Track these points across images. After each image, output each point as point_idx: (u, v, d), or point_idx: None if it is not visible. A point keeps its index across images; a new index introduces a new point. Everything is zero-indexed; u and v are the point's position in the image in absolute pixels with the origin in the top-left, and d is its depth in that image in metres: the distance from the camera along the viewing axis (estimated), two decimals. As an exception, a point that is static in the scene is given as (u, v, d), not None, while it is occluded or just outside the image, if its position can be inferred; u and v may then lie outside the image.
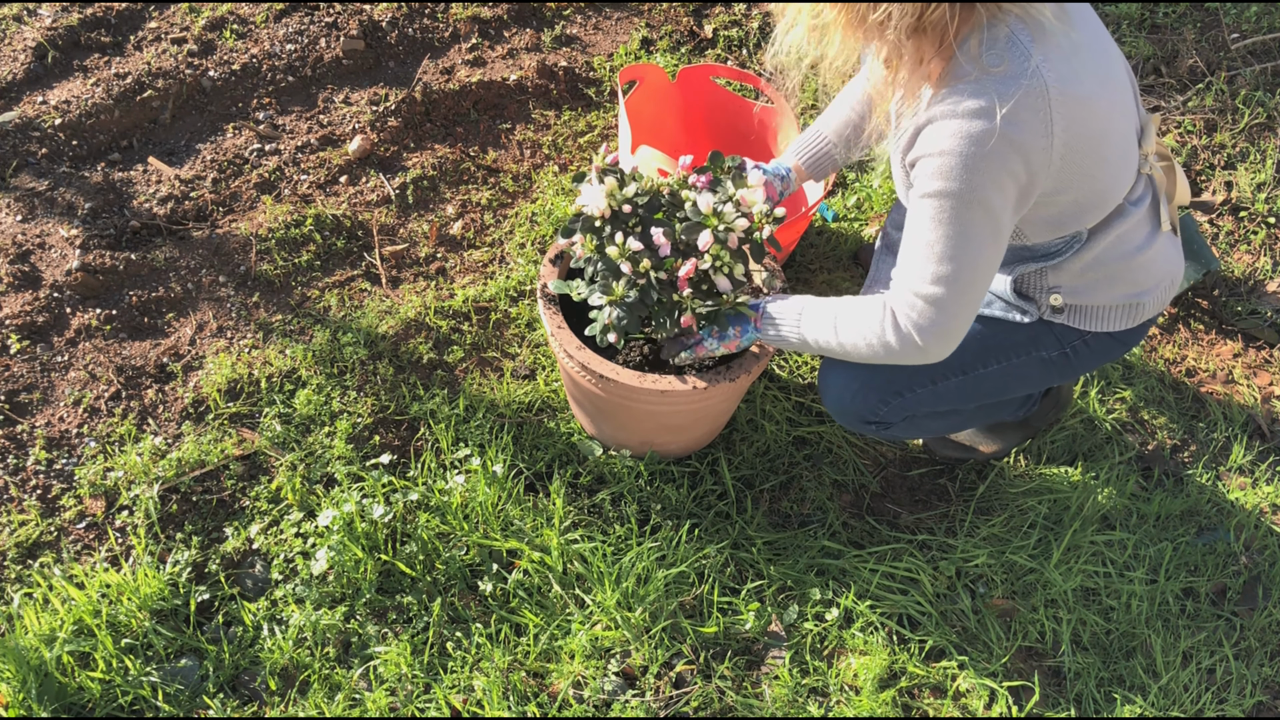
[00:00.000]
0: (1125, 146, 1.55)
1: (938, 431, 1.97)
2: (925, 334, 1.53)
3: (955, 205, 1.42)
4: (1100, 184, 1.52)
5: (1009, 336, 1.73)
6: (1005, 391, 1.82)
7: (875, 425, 1.84)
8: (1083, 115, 1.42)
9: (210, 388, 2.13)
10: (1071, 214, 1.55)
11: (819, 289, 2.41)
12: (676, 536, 1.94)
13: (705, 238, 1.68)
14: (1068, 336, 1.73)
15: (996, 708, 1.82)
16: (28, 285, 2.27)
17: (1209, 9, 3.03)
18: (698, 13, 3.03)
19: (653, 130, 2.44)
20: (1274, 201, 2.62)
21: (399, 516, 1.94)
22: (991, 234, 1.45)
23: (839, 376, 1.79)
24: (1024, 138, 1.38)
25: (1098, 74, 1.46)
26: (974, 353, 1.73)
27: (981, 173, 1.39)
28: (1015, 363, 1.75)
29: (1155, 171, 1.65)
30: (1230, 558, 2.05)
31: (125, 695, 1.73)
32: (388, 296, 2.34)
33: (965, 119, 1.38)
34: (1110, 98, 1.49)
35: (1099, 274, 1.65)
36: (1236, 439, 2.24)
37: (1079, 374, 1.82)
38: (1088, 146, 1.45)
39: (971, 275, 1.48)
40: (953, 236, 1.45)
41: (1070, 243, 1.60)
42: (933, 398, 1.78)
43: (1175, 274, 1.75)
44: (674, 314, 1.73)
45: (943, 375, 1.75)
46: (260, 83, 2.71)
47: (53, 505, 1.97)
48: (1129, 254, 1.64)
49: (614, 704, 1.76)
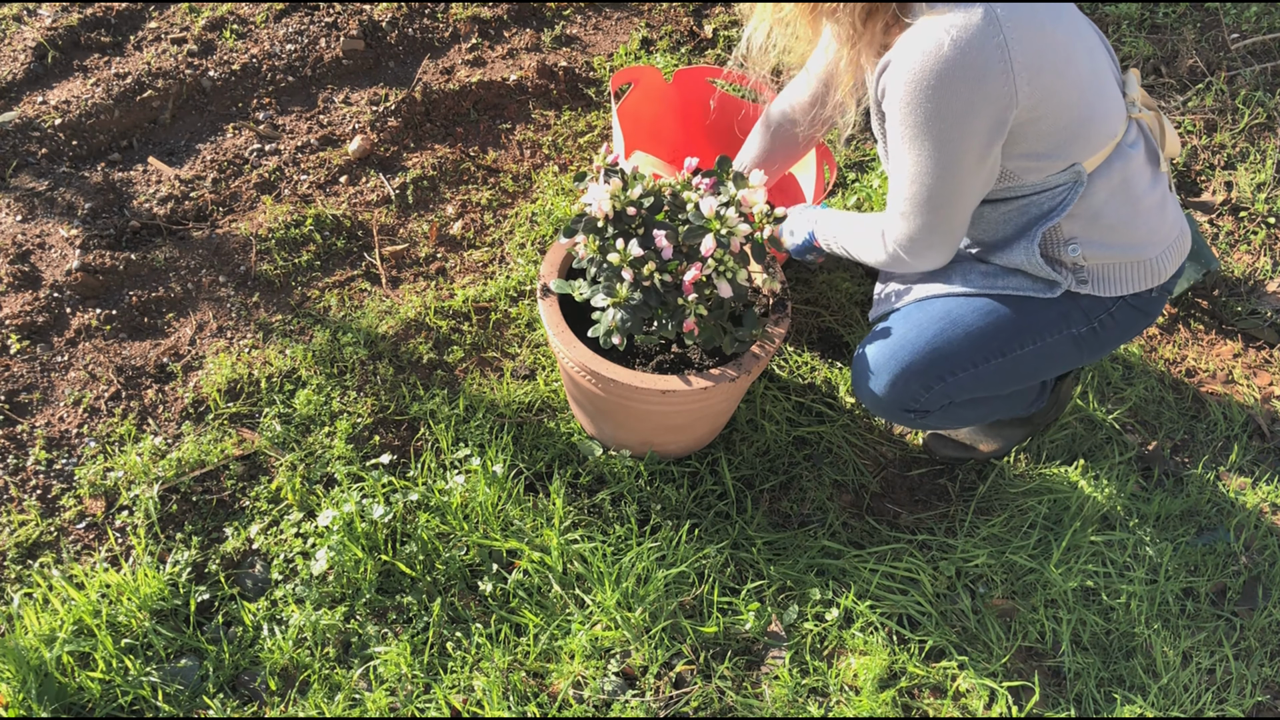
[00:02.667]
0: (1100, 78, 1.61)
1: (973, 421, 1.98)
2: (912, 252, 1.67)
3: (918, 132, 1.51)
4: (1077, 110, 1.56)
5: (1040, 315, 1.75)
6: (1040, 373, 1.83)
7: (915, 413, 1.84)
8: (1037, 37, 1.49)
9: (210, 388, 2.13)
10: (1057, 143, 1.57)
11: (819, 288, 2.41)
12: (676, 536, 1.94)
13: (708, 242, 1.68)
14: (1094, 310, 1.75)
15: (996, 708, 1.82)
16: (28, 285, 2.27)
17: (1209, 9, 3.03)
18: (698, 13, 3.03)
19: (652, 132, 2.44)
20: (1274, 201, 2.62)
21: (399, 516, 1.94)
22: (963, 154, 1.52)
23: (880, 364, 1.79)
24: (978, 58, 1.44)
25: (1052, 12, 1.53)
26: (1009, 334, 1.75)
27: (942, 96, 1.46)
28: (1049, 342, 1.77)
29: (1144, 116, 1.70)
30: (1230, 558, 2.05)
31: (125, 695, 1.73)
32: (388, 296, 2.34)
33: (919, 52, 1.46)
34: (1068, 30, 1.56)
35: (1110, 219, 1.66)
36: (1236, 439, 2.24)
37: (1107, 350, 1.84)
38: (1051, 67, 1.50)
39: (948, 195, 1.57)
40: (923, 159, 1.54)
41: (1073, 187, 1.62)
42: (973, 382, 1.79)
43: (1183, 228, 1.78)
44: (678, 317, 1.73)
45: (984, 358, 1.76)
46: (260, 83, 2.71)
47: (53, 505, 1.97)
48: (1136, 197, 1.67)
49: (614, 704, 1.76)
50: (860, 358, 1.82)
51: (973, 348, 1.74)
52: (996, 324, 1.74)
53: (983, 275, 1.76)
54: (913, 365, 1.76)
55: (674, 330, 1.73)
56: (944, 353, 1.74)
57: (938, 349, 1.74)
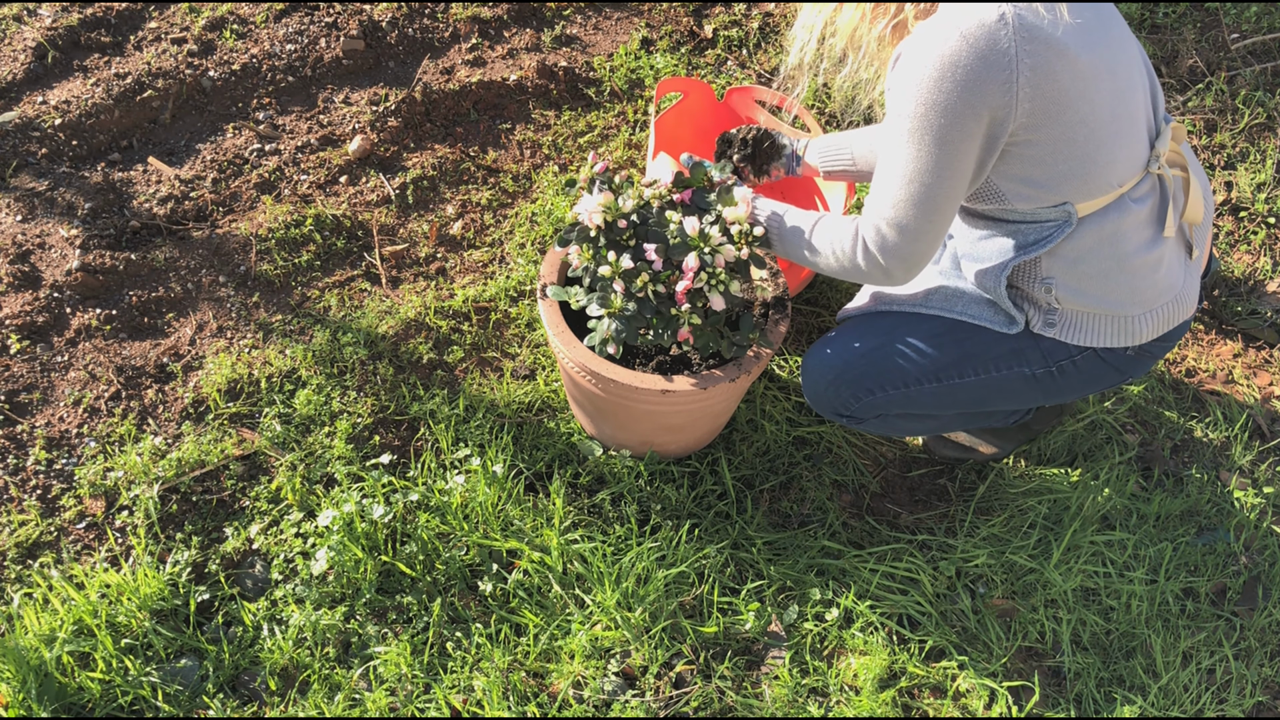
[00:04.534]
0: (1122, 123, 1.53)
1: (914, 433, 1.98)
2: (889, 257, 1.59)
3: (917, 128, 1.46)
4: (1081, 147, 1.50)
5: (990, 348, 1.71)
6: (984, 404, 1.81)
7: (847, 418, 1.86)
8: (1056, 57, 1.43)
9: (210, 388, 2.13)
10: (1052, 176, 1.52)
11: (818, 288, 2.41)
12: (676, 536, 1.94)
13: (691, 261, 1.69)
14: (1055, 354, 1.69)
15: (996, 708, 1.82)
16: (28, 285, 2.27)
17: (1209, 9, 3.04)
18: (698, 13, 3.03)
19: (695, 151, 2.41)
20: (1274, 201, 2.62)
21: (399, 516, 1.94)
22: (952, 157, 1.47)
23: (817, 365, 1.82)
24: (982, 60, 1.41)
25: (1084, 37, 1.47)
26: (950, 360, 1.72)
27: (938, 90, 1.43)
28: (995, 376, 1.73)
29: (1166, 175, 1.61)
30: (1230, 558, 2.05)
31: (125, 695, 1.73)
32: (388, 296, 2.34)
33: (926, 46, 1.43)
34: (1100, 62, 1.48)
35: (1092, 268, 1.60)
36: (1236, 439, 2.24)
37: (1067, 397, 1.79)
38: (1062, 92, 1.45)
39: (933, 200, 1.51)
40: (914, 159, 1.49)
41: (1060, 226, 1.56)
42: (904, 400, 1.78)
43: (1182, 295, 1.68)
44: (672, 326, 1.74)
45: (916, 380, 1.75)
46: (260, 83, 2.71)
47: (53, 505, 1.97)
48: (1126, 255, 1.59)
49: (614, 704, 1.76)
50: (808, 354, 1.86)
51: (906, 369, 1.74)
52: (938, 350, 1.72)
53: (944, 298, 1.74)
54: (845, 374, 1.78)
55: (669, 339, 1.74)
56: (878, 367, 1.75)
57: (873, 363, 1.75)
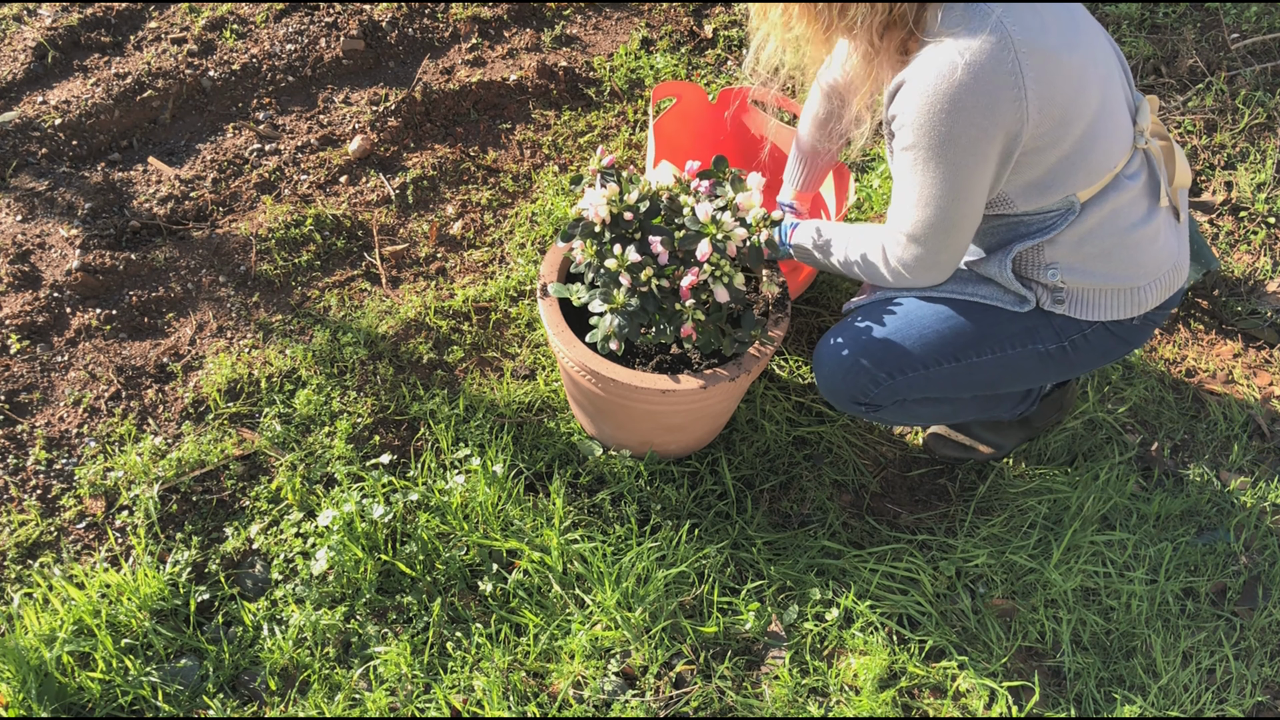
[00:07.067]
0: (1110, 109, 1.59)
1: (930, 420, 1.97)
2: (912, 270, 1.68)
3: (930, 156, 1.51)
4: (1081, 141, 1.54)
5: (1004, 326, 1.74)
6: (1000, 384, 1.82)
7: (865, 407, 1.85)
8: (1052, 65, 1.47)
9: (210, 388, 2.13)
10: (1058, 176, 1.56)
11: (818, 288, 2.41)
12: (676, 536, 1.94)
13: (704, 247, 1.69)
14: (1066, 330, 1.74)
15: (996, 708, 1.82)
16: (28, 285, 2.27)
17: (1209, 9, 3.04)
18: (698, 13, 3.03)
19: (691, 151, 2.42)
20: (1274, 201, 2.62)
21: (399, 516, 1.94)
22: (969, 181, 1.52)
23: (831, 355, 1.81)
24: (991, 85, 1.44)
25: (1067, 36, 1.51)
26: (968, 340, 1.74)
27: (952, 123, 1.46)
28: (1010, 354, 1.76)
29: (1152, 147, 1.67)
30: (1230, 558, 2.05)
31: (125, 695, 1.73)
32: (388, 296, 2.34)
33: (933, 75, 1.45)
34: (1084, 57, 1.53)
35: (1095, 248, 1.65)
36: (1236, 439, 2.24)
37: (1078, 372, 1.82)
38: (1063, 97, 1.49)
39: (951, 219, 1.57)
40: (930, 184, 1.54)
41: (1064, 215, 1.61)
42: (924, 382, 1.79)
43: (1178, 261, 1.75)
44: (675, 322, 1.74)
45: (935, 361, 1.76)
46: (260, 83, 2.71)
47: (53, 505, 1.97)
48: (1125, 229, 1.65)
49: (614, 704, 1.76)
50: (820, 346, 1.85)
51: (925, 349, 1.75)
52: (954, 329, 1.74)
53: (955, 280, 1.76)
54: (863, 359, 1.78)
55: (672, 336, 1.74)
56: (895, 350, 1.75)
57: (890, 346, 1.76)
